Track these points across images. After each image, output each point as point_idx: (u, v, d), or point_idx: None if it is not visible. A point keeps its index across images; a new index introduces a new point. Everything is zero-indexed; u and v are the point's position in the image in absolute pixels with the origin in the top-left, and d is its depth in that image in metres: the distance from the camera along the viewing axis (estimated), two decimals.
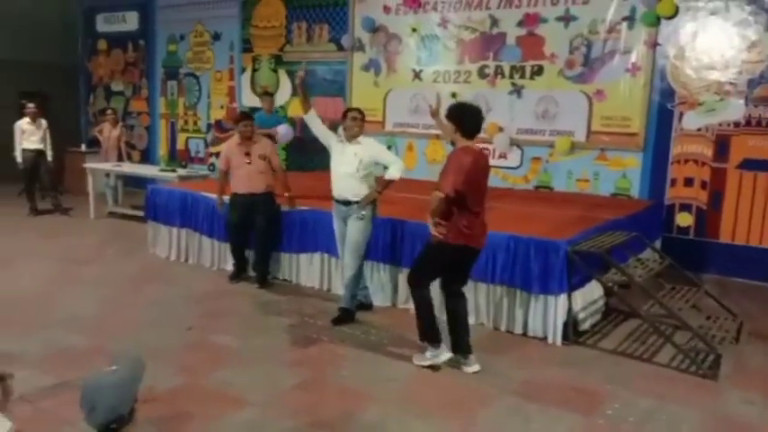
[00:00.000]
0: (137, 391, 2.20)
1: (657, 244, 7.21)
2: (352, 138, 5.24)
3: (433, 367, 4.51)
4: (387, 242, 5.82)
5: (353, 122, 5.22)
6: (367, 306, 5.72)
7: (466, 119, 4.33)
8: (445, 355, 4.50)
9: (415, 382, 4.33)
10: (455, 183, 4.16)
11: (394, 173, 5.21)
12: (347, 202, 5.28)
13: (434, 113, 5.15)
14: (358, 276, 5.41)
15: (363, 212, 5.24)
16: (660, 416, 3.92)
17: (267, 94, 8.25)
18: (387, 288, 5.92)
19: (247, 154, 6.31)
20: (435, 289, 4.63)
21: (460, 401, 4.08)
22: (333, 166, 5.37)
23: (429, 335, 4.52)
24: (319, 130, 5.46)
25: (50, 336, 4.88)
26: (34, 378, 4.11)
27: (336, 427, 3.70)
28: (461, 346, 4.51)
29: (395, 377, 4.38)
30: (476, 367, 4.48)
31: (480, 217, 4.40)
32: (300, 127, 8.38)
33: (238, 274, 6.56)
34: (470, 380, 4.38)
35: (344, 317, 5.37)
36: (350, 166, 5.21)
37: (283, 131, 7.78)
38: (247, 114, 6.77)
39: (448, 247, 4.32)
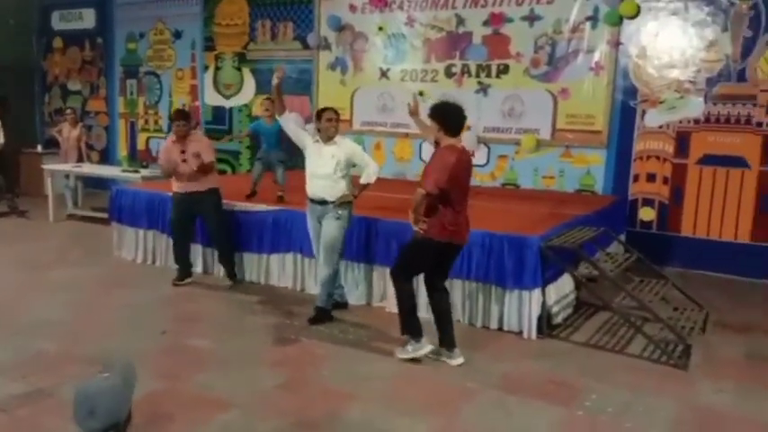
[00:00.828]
0: (131, 396, 2.15)
1: (622, 238, 7.37)
2: (328, 139, 5.22)
3: (415, 360, 4.55)
4: (360, 241, 5.82)
5: (329, 123, 5.19)
6: (342, 305, 5.71)
7: (449, 117, 4.38)
8: (426, 347, 4.55)
9: (397, 379, 4.35)
10: (438, 180, 4.20)
11: (370, 176, 5.24)
12: (323, 202, 5.26)
13: (413, 113, 5.18)
14: (334, 275, 5.39)
15: (340, 212, 5.23)
16: (637, 407, 4.02)
17: (269, 100, 7.24)
18: (361, 286, 5.92)
19: (183, 152, 6.22)
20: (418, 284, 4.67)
21: (443, 397, 4.11)
22: (309, 166, 5.33)
23: (410, 328, 4.56)
24: (294, 131, 5.44)
25: (19, 342, 4.74)
26: (6, 386, 3.99)
27: (322, 426, 3.69)
28: (446, 340, 4.58)
29: (376, 375, 4.39)
30: (460, 360, 4.55)
31: (463, 214, 4.46)
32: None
33: (182, 278, 6.38)
34: (451, 375, 4.42)
35: (321, 316, 5.35)
36: (327, 167, 5.18)
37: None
38: (183, 112, 6.58)
39: (432, 243, 4.36)
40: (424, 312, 4.89)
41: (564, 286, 5.59)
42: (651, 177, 7.74)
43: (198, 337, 5.01)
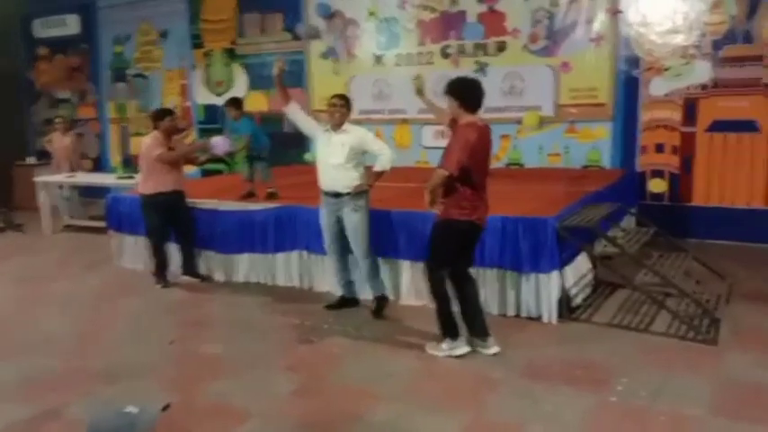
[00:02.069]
0: None
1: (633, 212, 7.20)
2: (336, 126, 5.01)
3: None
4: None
5: (333, 109, 4.99)
6: (353, 301, 5.52)
7: (468, 92, 4.20)
8: (463, 347, 4.37)
9: (417, 375, 4.17)
10: (460, 160, 4.02)
11: (383, 164, 5.02)
12: (337, 194, 5.06)
13: (419, 92, 4.96)
14: (376, 265, 5.26)
15: (358, 203, 5.03)
16: (671, 388, 3.84)
17: (229, 104, 6.72)
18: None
19: (171, 149, 6.22)
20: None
21: (467, 389, 3.95)
22: (319, 157, 5.14)
23: (446, 326, 4.38)
24: (302, 121, 5.26)
25: (22, 360, 4.55)
26: (9, 410, 3.81)
27: (345, 429, 3.52)
28: (477, 329, 4.41)
29: (395, 371, 4.21)
30: (495, 349, 4.37)
31: (483, 195, 4.29)
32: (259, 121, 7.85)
33: (166, 277, 6.39)
34: (473, 365, 4.25)
35: (383, 304, 5.26)
36: (338, 156, 4.98)
37: (216, 142, 6.38)
38: (169, 110, 6.70)
39: (453, 223, 4.19)
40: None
41: (581, 266, 5.40)
42: (659, 148, 7.55)
43: (207, 344, 4.83)
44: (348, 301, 5.44)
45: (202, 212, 6.48)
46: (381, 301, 5.29)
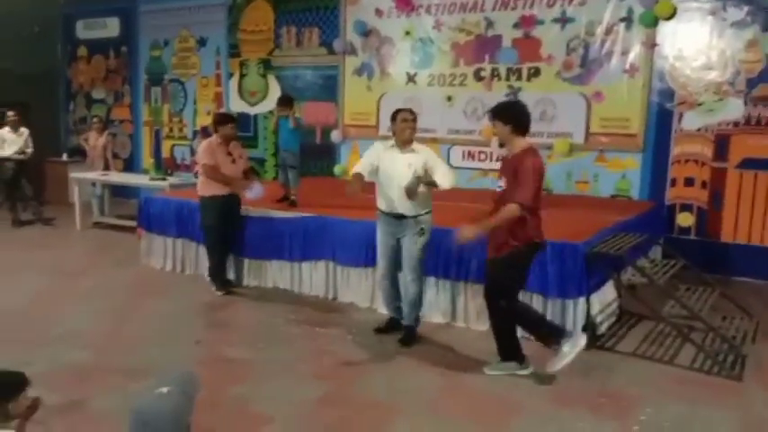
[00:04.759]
0: (190, 416, 1.99)
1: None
2: (404, 144, 4.77)
3: (458, 371, 4.41)
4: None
5: (405, 124, 4.71)
6: (400, 325, 5.21)
7: (520, 115, 4.17)
8: (582, 340, 4.34)
9: (441, 392, 4.20)
10: (537, 190, 4.03)
11: (444, 183, 4.65)
12: (400, 217, 4.83)
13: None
14: (422, 293, 5.09)
15: (422, 226, 4.81)
16: (694, 421, 3.84)
17: (281, 104, 6.95)
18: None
19: (229, 154, 6.26)
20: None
21: (490, 410, 3.96)
22: (381, 177, 4.84)
23: (555, 332, 4.34)
24: (366, 168, 4.86)
25: (53, 352, 4.64)
26: (42, 398, 3.88)
27: None
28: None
29: (419, 387, 4.24)
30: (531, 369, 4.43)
31: (539, 215, 4.25)
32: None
33: (226, 285, 6.33)
34: (496, 386, 4.26)
35: (412, 336, 5.01)
36: (404, 177, 4.64)
37: (256, 188, 6.32)
38: (232, 116, 6.81)
39: (522, 249, 4.16)
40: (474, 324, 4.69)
41: (607, 295, 5.40)
42: (689, 182, 7.53)
43: (233, 347, 4.89)
44: (397, 324, 5.18)
45: None
46: (410, 331, 5.04)
